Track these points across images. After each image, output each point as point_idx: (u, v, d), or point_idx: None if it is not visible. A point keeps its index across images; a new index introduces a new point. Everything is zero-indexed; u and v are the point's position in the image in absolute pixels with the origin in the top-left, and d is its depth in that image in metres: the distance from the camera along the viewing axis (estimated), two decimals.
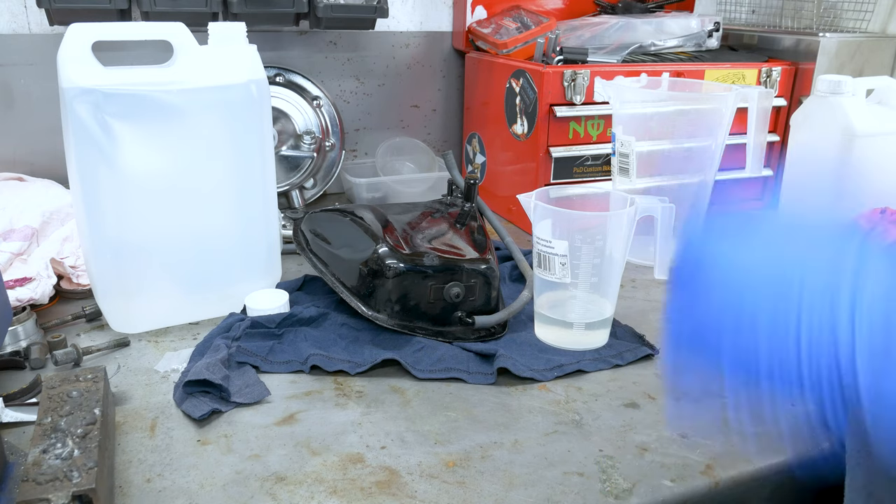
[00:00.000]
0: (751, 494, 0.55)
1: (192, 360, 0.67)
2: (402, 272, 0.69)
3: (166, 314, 0.75)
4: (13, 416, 0.57)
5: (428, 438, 0.57)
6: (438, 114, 1.31)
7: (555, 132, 1.02)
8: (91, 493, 0.44)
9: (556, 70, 0.99)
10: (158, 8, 0.95)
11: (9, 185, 0.94)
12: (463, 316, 0.70)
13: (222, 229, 0.74)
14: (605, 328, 0.72)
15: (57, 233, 0.83)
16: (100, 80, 0.65)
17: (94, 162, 0.66)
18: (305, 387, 0.65)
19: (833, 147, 0.96)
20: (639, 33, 1.12)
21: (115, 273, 0.70)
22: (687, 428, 0.55)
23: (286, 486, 0.51)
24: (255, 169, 0.75)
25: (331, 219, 0.82)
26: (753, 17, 1.31)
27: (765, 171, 1.17)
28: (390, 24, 1.23)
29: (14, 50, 1.03)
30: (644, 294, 0.86)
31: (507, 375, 0.66)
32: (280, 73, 1.14)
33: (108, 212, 0.68)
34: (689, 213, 0.76)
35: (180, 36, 0.68)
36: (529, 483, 0.52)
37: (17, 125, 1.05)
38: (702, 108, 0.89)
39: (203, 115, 0.70)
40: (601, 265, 0.68)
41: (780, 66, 1.12)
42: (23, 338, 0.69)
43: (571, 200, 0.72)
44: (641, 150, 0.91)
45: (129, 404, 0.61)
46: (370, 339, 0.71)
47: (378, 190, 1.16)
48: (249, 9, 1.00)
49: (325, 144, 1.17)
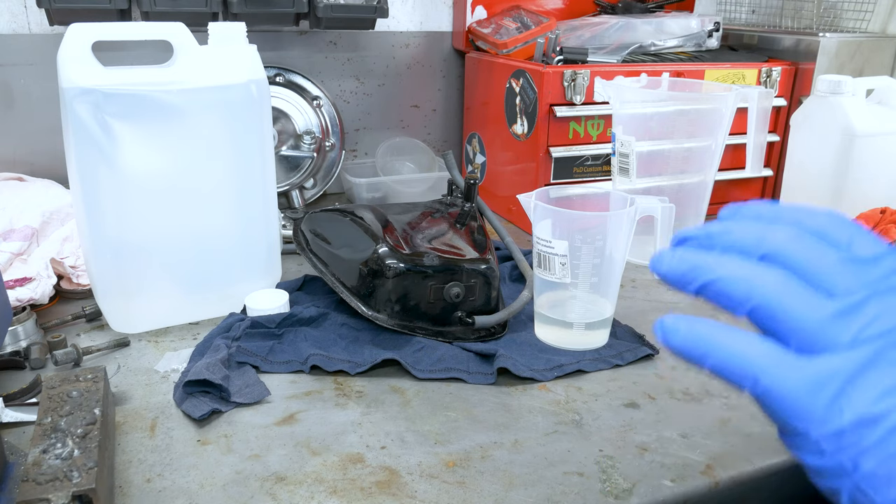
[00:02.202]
0: (751, 494, 0.55)
1: (192, 360, 0.67)
2: (402, 272, 0.69)
3: (166, 314, 0.75)
4: (13, 416, 0.57)
5: (428, 438, 0.57)
6: (438, 114, 1.31)
7: (555, 132, 1.02)
8: (91, 493, 0.44)
9: (556, 70, 0.99)
10: (158, 8, 0.95)
11: (9, 185, 0.94)
12: (463, 316, 0.70)
13: (222, 229, 0.74)
14: (605, 328, 0.72)
15: (57, 233, 0.83)
16: (100, 80, 0.65)
17: (94, 162, 0.66)
18: (305, 387, 0.65)
19: (833, 147, 0.97)
20: (639, 33, 1.12)
21: (115, 273, 0.70)
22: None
23: (286, 486, 0.51)
24: (255, 169, 0.75)
25: (331, 219, 0.82)
26: (753, 17, 1.31)
27: (765, 171, 1.17)
28: (390, 24, 1.23)
29: (14, 50, 1.03)
30: (644, 294, 0.86)
31: (507, 375, 0.66)
32: (280, 73, 1.14)
33: (108, 212, 0.68)
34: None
35: (180, 36, 0.68)
36: (529, 483, 0.52)
37: (17, 125, 1.05)
38: (702, 108, 0.89)
39: (203, 115, 0.70)
40: (601, 265, 0.68)
41: (780, 66, 1.12)
42: (23, 338, 0.69)
43: (571, 200, 0.72)
44: (641, 150, 0.91)
45: (129, 404, 0.61)
46: (370, 339, 0.71)
47: (378, 190, 1.16)
48: (249, 9, 1.00)
49: (325, 144, 1.17)
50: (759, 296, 0.29)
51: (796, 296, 0.29)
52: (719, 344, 0.30)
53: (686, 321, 0.31)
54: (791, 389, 0.28)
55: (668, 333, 0.31)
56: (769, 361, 0.28)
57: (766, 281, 0.29)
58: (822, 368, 0.28)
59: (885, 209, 0.91)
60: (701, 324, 0.31)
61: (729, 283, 0.30)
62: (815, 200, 1.01)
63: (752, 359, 0.29)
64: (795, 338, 0.29)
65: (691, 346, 0.30)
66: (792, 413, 0.28)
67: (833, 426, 0.27)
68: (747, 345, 0.29)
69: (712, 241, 0.32)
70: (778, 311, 0.29)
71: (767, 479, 0.55)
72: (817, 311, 0.28)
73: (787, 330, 0.29)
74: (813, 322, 0.28)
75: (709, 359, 0.30)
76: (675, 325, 0.31)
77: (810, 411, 0.27)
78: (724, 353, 0.29)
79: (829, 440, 0.27)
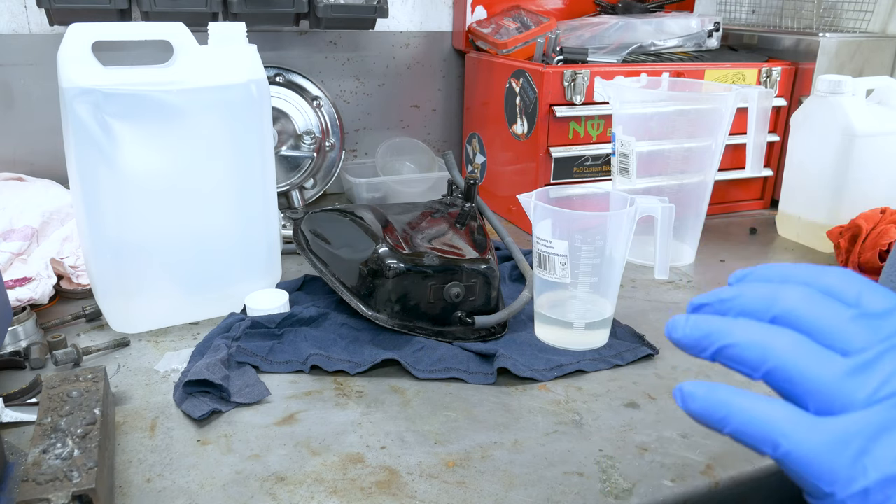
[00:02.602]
0: (751, 494, 0.55)
1: (192, 360, 0.67)
2: (402, 272, 0.69)
3: (166, 314, 0.75)
4: (13, 416, 0.57)
5: (428, 438, 0.57)
6: (438, 114, 1.31)
7: (555, 132, 1.02)
8: (91, 493, 0.44)
9: (556, 70, 0.99)
10: (158, 8, 0.95)
11: (9, 185, 0.94)
12: (463, 316, 0.70)
13: (222, 229, 0.74)
14: (605, 328, 0.72)
15: (57, 233, 0.83)
16: (100, 80, 0.65)
17: (94, 162, 0.66)
18: (305, 387, 0.65)
19: (833, 147, 0.97)
20: (639, 33, 1.12)
21: (115, 273, 0.70)
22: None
23: (286, 486, 0.51)
24: (255, 169, 0.75)
25: (331, 219, 0.82)
26: (753, 17, 1.31)
27: (765, 171, 1.17)
28: (390, 24, 1.23)
29: (14, 50, 1.03)
30: (644, 294, 0.86)
31: (507, 375, 0.66)
32: (280, 73, 1.14)
33: (108, 212, 0.68)
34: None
35: (180, 36, 0.68)
36: (529, 483, 0.52)
37: (17, 125, 1.05)
38: (702, 108, 0.89)
39: (203, 115, 0.70)
40: (601, 265, 0.68)
41: (780, 66, 1.12)
42: (23, 338, 0.69)
43: (571, 200, 0.72)
44: (641, 150, 0.91)
45: (129, 404, 0.61)
46: (370, 339, 0.71)
47: (378, 190, 1.16)
48: (249, 9, 1.00)
49: (325, 144, 1.17)
50: (773, 358, 0.29)
51: (811, 356, 0.29)
52: (738, 408, 0.30)
53: (705, 387, 0.31)
54: (813, 451, 0.28)
55: (687, 399, 0.31)
56: (789, 425, 0.28)
57: (780, 344, 0.29)
58: (843, 428, 0.28)
59: (885, 209, 0.91)
60: (719, 389, 0.31)
61: (744, 348, 0.30)
62: (815, 200, 1.01)
63: (773, 423, 0.29)
64: (813, 399, 0.29)
65: (711, 410, 0.30)
66: (816, 475, 0.28)
67: (858, 486, 0.27)
68: (766, 409, 0.29)
69: (725, 307, 0.32)
70: (794, 373, 0.29)
71: (767, 479, 0.55)
72: (832, 370, 0.28)
73: (803, 391, 0.29)
74: (829, 382, 0.28)
75: (729, 424, 0.30)
76: (694, 390, 0.31)
77: (834, 472, 0.27)
78: (743, 418, 0.29)
79: (856, 499, 0.27)
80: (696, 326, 0.32)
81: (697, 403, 0.31)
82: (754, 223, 1.14)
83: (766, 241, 1.06)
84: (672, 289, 0.88)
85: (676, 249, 0.96)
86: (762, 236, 1.08)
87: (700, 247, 0.98)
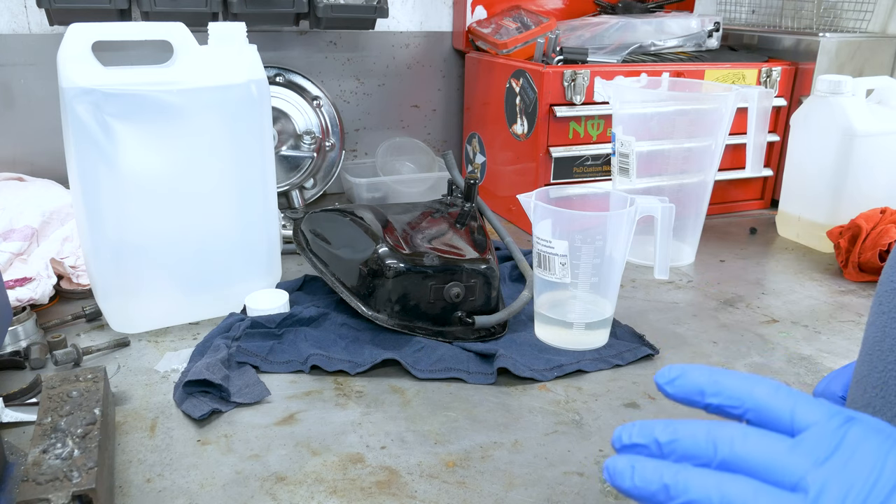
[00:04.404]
0: None
1: (192, 360, 0.67)
2: (402, 272, 0.69)
3: (166, 314, 0.75)
4: (13, 416, 0.57)
5: (428, 438, 0.57)
6: (438, 114, 1.31)
7: (555, 132, 1.02)
8: (91, 493, 0.44)
9: (556, 70, 0.99)
10: (158, 8, 0.95)
11: (9, 185, 0.94)
12: (463, 316, 0.70)
13: (222, 229, 0.74)
14: (605, 328, 0.72)
15: (57, 233, 0.83)
16: (100, 80, 0.65)
17: (94, 162, 0.66)
18: (305, 387, 0.65)
19: (833, 147, 0.97)
20: (639, 33, 1.12)
21: (115, 273, 0.70)
22: None
23: (286, 486, 0.51)
24: (255, 169, 0.75)
25: (331, 219, 0.82)
26: (753, 17, 1.31)
27: (765, 171, 1.17)
28: (390, 24, 1.23)
29: (14, 50, 1.03)
30: (644, 294, 0.86)
31: (507, 375, 0.66)
32: (280, 73, 1.14)
33: (108, 212, 0.68)
34: None
35: (180, 36, 0.68)
36: (529, 483, 0.52)
37: (17, 125, 1.05)
38: (702, 108, 0.89)
39: (203, 115, 0.70)
40: (601, 265, 0.68)
41: (780, 66, 1.12)
42: (23, 338, 0.69)
43: (571, 200, 0.72)
44: (641, 150, 0.91)
45: (129, 404, 0.61)
46: (370, 339, 0.71)
47: (378, 190, 1.16)
48: (249, 9, 1.00)
49: (325, 144, 1.17)
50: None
51: (767, 498, 0.29)
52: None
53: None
54: None
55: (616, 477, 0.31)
56: None
57: (737, 493, 0.30)
58: None
59: (885, 209, 0.91)
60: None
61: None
62: (815, 200, 1.01)
63: None
64: None
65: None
66: None
67: None
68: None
69: (662, 451, 0.32)
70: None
71: None
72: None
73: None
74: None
75: None
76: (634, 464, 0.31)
77: None
78: None
79: None
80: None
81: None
82: (754, 223, 1.14)
83: (766, 241, 1.06)
84: (672, 289, 0.88)
85: (676, 249, 0.96)
86: (762, 236, 1.08)
87: (700, 247, 0.98)
